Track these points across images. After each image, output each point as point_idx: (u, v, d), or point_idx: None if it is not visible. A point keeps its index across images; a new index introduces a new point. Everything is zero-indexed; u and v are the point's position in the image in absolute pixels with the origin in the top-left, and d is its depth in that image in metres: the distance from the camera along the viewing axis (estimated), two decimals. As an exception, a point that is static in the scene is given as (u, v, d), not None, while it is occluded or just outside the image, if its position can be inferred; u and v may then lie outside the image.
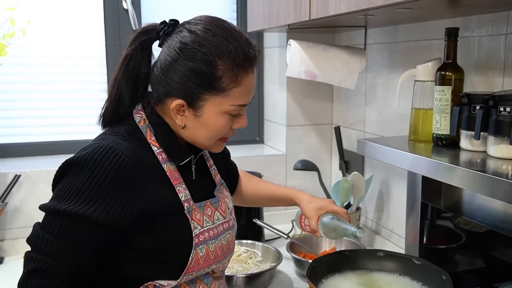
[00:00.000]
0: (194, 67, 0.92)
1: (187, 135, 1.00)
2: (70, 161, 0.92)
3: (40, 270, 0.89)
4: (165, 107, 0.99)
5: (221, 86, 0.94)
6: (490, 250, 1.24)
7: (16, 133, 1.90)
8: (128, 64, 0.99)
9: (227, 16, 2.11)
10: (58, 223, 0.90)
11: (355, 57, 1.59)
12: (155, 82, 0.98)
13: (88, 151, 0.91)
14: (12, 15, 1.73)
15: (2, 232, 1.67)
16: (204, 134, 0.99)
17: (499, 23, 1.18)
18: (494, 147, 1.02)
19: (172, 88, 0.95)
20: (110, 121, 1.02)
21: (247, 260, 1.52)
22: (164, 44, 0.97)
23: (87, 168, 0.90)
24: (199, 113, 0.96)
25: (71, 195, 0.90)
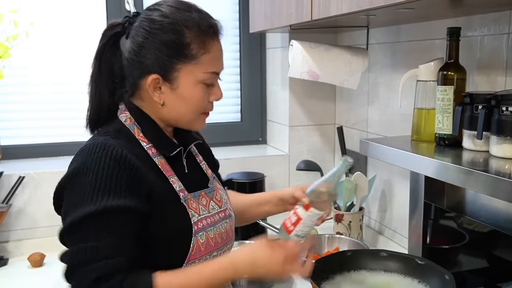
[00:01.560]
0: (163, 38, 0.96)
1: (168, 114, 1.02)
2: (72, 171, 0.93)
3: (102, 275, 0.86)
4: (142, 92, 1.01)
5: (191, 53, 0.97)
6: (493, 250, 1.23)
7: (20, 135, 1.91)
8: (101, 61, 1.02)
9: (229, 17, 2.12)
10: (90, 227, 0.88)
11: (357, 57, 1.59)
12: (128, 68, 1.00)
13: (84, 155, 0.93)
14: (15, 18, 1.74)
15: (6, 233, 1.68)
16: (184, 108, 1.01)
17: (501, 22, 1.18)
18: (497, 146, 1.01)
19: (145, 66, 0.98)
20: (95, 123, 1.05)
21: None
22: (131, 32, 1.00)
23: (90, 169, 0.90)
24: (174, 86, 0.99)
25: (87, 197, 0.89)
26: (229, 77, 2.17)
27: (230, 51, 2.15)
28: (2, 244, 1.67)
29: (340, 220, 1.68)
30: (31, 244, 1.68)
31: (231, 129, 2.18)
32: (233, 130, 2.19)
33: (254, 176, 1.79)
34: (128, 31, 1.01)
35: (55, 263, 1.60)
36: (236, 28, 2.14)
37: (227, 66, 2.28)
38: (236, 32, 2.14)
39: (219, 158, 1.94)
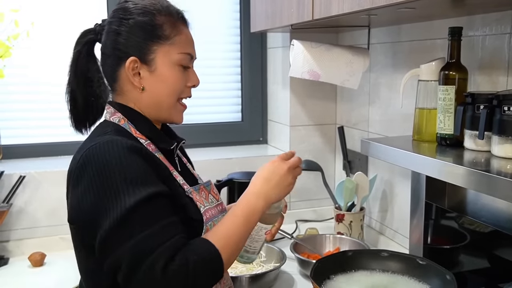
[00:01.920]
0: (137, 21, 0.99)
1: (149, 99, 1.02)
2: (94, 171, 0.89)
3: (169, 256, 0.84)
4: (122, 83, 1.02)
5: (164, 34, 1.00)
6: (494, 250, 1.23)
7: (21, 134, 1.90)
8: (76, 66, 1.05)
9: (230, 16, 2.12)
10: (136, 218, 0.85)
11: (359, 57, 1.59)
12: (105, 61, 1.03)
13: (99, 153, 0.89)
14: (16, 17, 1.74)
15: (7, 233, 1.68)
16: (163, 91, 1.02)
17: (503, 22, 1.17)
18: (498, 146, 1.01)
19: (122, 51, 0.99)
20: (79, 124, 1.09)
21: None
22: (103, 30, 1.03)
23: (113, 164, 0.88)
24: (152, 68, 1.00)
25: (123, 191, 0.86)
26: (230, 77, 2.17)
27: (231, 50, 2.15)
28: (2, 244, 1.67)
29: (341, 220, 1.68)
30: (32, 243, 1.68)
31: (231, 129, 2.18)
32: (234, 130, 2.18)
33: (255, 176, 1.78)
34: (101, 33, 1.03)
35: (56, 262, 1.61)
36: (237, 27, 2.13)
37: (228, 66, 2.30)
38: (237, 32, 2.14)
39: (219, 158, 1.96)
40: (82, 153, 0.92)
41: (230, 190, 1.76)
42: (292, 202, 2.02)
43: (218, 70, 2.15)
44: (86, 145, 0.95)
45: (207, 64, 2.10)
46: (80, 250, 0.98)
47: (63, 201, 1.74)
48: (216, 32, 2.11)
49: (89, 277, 0.99)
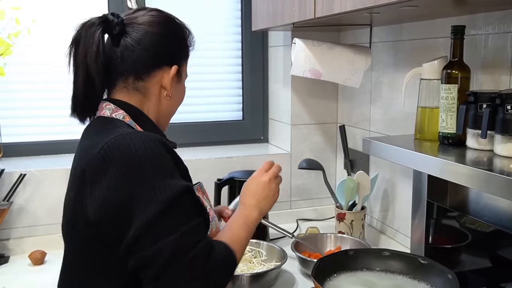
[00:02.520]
0: (181, 35, 1.07)
1: (167, 107, 1.07)
2: (124, 164, 0.86)
3: (206, 256, 0.86)
4: (151, 82, 1.02)
5: (188, 54, 1.10)
6: (496, 249, 1.23)
7: (22, 132, 1.90)
8: (96, 58, 0.98)
9: (231, 15, 2.12)
10: (179, 210, 0.86)
11: (360, 56, 1.58)
12: (143, 58, 1.00)
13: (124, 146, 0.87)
14: (17, 15, 1.74)
15: (7, 231, 1.68)
16: (178, 102, 1.10)
17: (506, 21, 1.17)
18: (501, 145, 1.01)
19: (168, 57, 1.03)
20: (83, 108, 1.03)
21: (252, 259, 1.52)
22: (133, 26, 1.00)
23: (143, 157, 0.86)
24: (179, 80, 1.08)
25: (160, 183, 0.85)
26: (231, 76, 2.17)
27: (232, 49, 2.15)
28: (3, 242, 1.67)
29: (342, 219, 1.67)
30: (32, 242, 1.67)
31: (232, 127, 2.18)
32: (235, 129, 2.18)
33: (256, 175, 1.78)
34: (120, 27, 1.00)
35: (56, 261, 1.60)
36: (238, 26, 2.13)
37: (229, 64, 2.30)
38: (238, 30, 2.13)
39: (220, 156, 1.96)
40: (100, 147, 0.88)
41: (231, 189, 1.76)
42: (293, 201, 2.01)
43: (219, 68, 2.14)
44: (99, 139, 0.91)
45: (208, 63, 2.10)
46: (91, 252, 0.94)
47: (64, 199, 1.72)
48: (217, 30, 2.10)
49: (94, 280, 0.95)
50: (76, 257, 0.98)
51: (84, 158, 0.92)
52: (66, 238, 1.02)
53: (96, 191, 0.87)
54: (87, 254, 0.95)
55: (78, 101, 1.03)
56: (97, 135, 0.95)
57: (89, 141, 0.96)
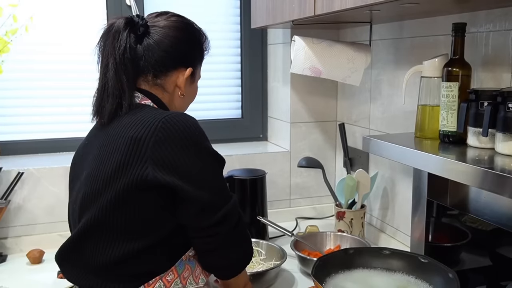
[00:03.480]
0: (198, 39, 1.17)
1: (180, 104, 1.17)
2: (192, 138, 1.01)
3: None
4: (168, 81, 1.12)
5: (203, 57, 1.21)
6: (497, 248, 1.22)
7: (19, 131, 1.89)
8: (130, 52, 1.07)
9: (230, 12, 2.11)
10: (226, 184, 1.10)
11: (360, 53, 1.57)
12: (164, 58, 1.10)
13: (177, 120, 0.99)
14: (15, 12, 1.72)
15: (5, 230, 1.67)
16: (190, 101, 1.21)
17: (507, 18, 1.16)
18: (502, 144, 1.00)
19: (185, 59, 1.13)
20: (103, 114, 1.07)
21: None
22: (155, 27, 1.10)
23: (200, 134, 1.04)
24: (193, 81, 1.18)
25: (214, 160, 1.05)
26: (230, 73, 2.16)
27: (231, 47, 2.14)
28: (0, 241, 1.66)
29: (342, 218, 1.67)
30: (30, 240, 1.67)
31: (231, 125, 2.17)
32: (234, 127, 2.17)
33: (255, 173, 1.77)
34: (144, 29, 1.09)
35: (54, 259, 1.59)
36: (237, 23, 2.12)
37: (228, 62, 2.29)
38: (237, 28, 2.12)
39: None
40: (159, 119, 0.98)
41: (230, 187, 1.75)
42: (292, 199, 2.01)
43: (218, 66, 2.13)
44: (147, 116, 1.00)
45: (207, 60, 2.05)
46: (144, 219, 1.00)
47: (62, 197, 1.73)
48: (216, 28, 2.09)
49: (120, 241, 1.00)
50: (107, 218, 1.00)
51: (138, 127, 0.99)
52: (93, 204, 1.02)
53: (165, 158, 0.97)
54: (127, 215, 0.99)
55: (103, 96, 1.07)
56: (142, 113, 1.03)
57: (136, 116, 1.02)
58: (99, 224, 1.00)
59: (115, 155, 0.99)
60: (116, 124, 1.03)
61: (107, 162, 1.00)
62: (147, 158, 0.96)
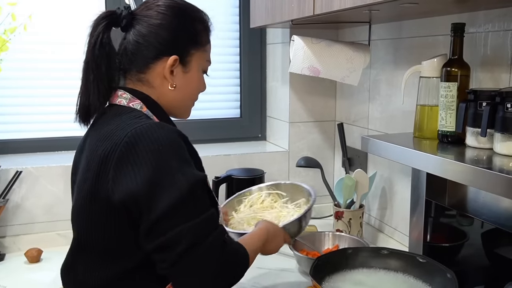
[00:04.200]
0: (182, 23, 1.04)
1: (175, 97, 1.06)
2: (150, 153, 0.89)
3: (223, 242, 0.92)
4: (151, 76, 1.03)
5: (201, 40, 1.07)
6: (495, 248, 1.23)
7: (17, 129, 1.89)
8: (99, 48, 1.00)
9: (229, 12, 2.10)
10: (197, 199, 0.91)
11: (359, 53, 1.57)
12: (141, 50, 1.02)
13: (145, 133, 0.90)
14: (13, 10, 1.72)
15: (3, 228, 1.67)
16: (189, 91, 1.09)
17: (506, 19, 1.16)
18: (501, 144, 1.00)
19: (165, 47, 1.02)
20: (87, 114, 1.02)
21: (273, 204, 1.43)
22: (137, 18, 1.03)
23: (166, 148, 0.90)
24: (187, 69, 1.06)
25: (179, 172, 0.89)
26: (229, 73, 2.16)
27: (230, 46, 2.14)
28: (-1, 239, 1.66)
29: (340, 218, 1.67)
30: (28, 239, 1.66)
31: (230, 125, 2.17)
32: (233, 126, 2.17)
33: (253, 173, 1.78)
34: (128, 20, 1.03)
35: (52, 259, 1.60)
36: (236, 23, 2.12)
37: (227, 62, 2.28)
38: (236, 27, 2.12)
39: (218, 154, 1.95)
40: (125, 134, 0.90)
41: (229, 187, 1.75)
42: (290, 199, 2.01)
43: (217, 65, 2.13)
44: (122, 126, 0.93)
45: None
46: (105, 231, 0.94)
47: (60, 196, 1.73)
48: (215, 27, 2.08)
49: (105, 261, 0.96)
50: (88, 236, 0.98)
51: (107, 142, 0.93)
52: (78, 219, 1.01)
53: (121, 176, 0.90)
54: (102, 234, 0.96)
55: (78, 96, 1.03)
56: (118, 121, 0.96)
57: (111, 126, 0.96)
58: (82, 244, 0.99)
59: (90, 173, 0.95)
60: (99, 131, 0.99)
61: (86, 179, 0.97)
62: (109, 178, 0.91)
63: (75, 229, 1.03)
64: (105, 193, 0.92)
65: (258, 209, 1.41)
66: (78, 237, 1.02)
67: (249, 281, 1.40)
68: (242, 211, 1.42)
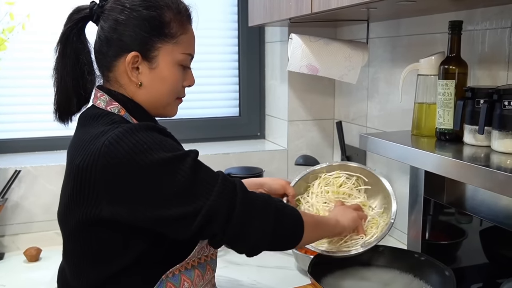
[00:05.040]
0: (144, 15, 0.95)
1: (146, 95, 0.99)
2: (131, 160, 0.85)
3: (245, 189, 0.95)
4: (118, 75, 0.98)
5: (171, 32, 0.97)
6: (493, 245, 1.23)
7: (16, 128, 1.89)
8: (65, 46, 0.98)
9: (228, 10, 2.10)
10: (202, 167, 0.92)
11: (357, 51, 1.57)
12: (102, 48, 0.98)
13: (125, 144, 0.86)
14: (11, 10, 1.72)
15: (2, 228, 1.67)
16: (162, 88, 0.99)
17: (503, 16, 1.16)
18: (498, 141, 1.00)
19: (124, 43, 0.95)
20: (67, 112, 1.02)
21: (353, 192, 1.33)
22: (104, 12, 0.97)
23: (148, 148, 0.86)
24: (154, 65, 0.97)
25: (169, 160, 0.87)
26: (228, 71, 2.16)
27: (229, 45, 2.14)
28: (-2, 239, 1.66)
29: (339, 216, 1.67)
30: (27, 238, 1.67)
31: (229, 123, 2.17)
32: (232, 125, 2.17)
33: (252, 171, 1.78)
34: (98, 14, 0.98)
35: (51, 257, 1.60)
36: (235, 21, 2.12)
37: (226, 60, 2.28)
38: (234, 26, 2.12)
39: (217, 152, 1.95)
40: (101, 142, 0.86)
41: (228, 185, 1.75)
42: (289, 198, 2.01)
43: (216, 64, 2.13)
44: (97, 133, 0.90)
45: (204, 59, 2.08)
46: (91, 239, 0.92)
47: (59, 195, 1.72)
48: (213, 26, 2.09)
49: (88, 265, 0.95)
50: (71, 244, 0.98)
51: (83, 151, 0.90)
52: (61, 225, 1.01)
53: (110, 188, 0.87)
54: (88, 242, 0.94)
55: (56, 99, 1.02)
56: (93, 128, 0.93)
57: (87, 133, 0.93)
58: (67, 252, 0.99)
59: (69, 184, 0.93)
60: (77, 137, 0.98)
61: (65, 188, 0.95)
62: (97, 192, 0.87)
63: (62, 233, 1.01)
64: (91, 212, 0.89)
65: (334, 193, 1.31)
66: (63, 241, 1.01)
67: (248, 279, 1.40)
68: (313, 193, 1.33)
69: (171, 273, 0.95)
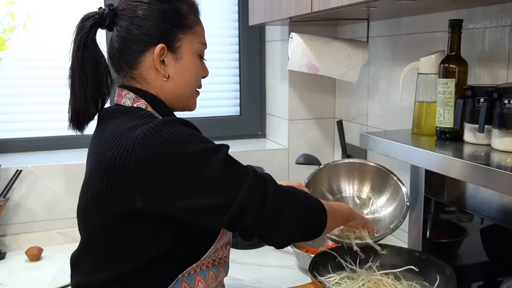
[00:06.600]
0: (164, 7, 0.98)
1: (173, 87, 1.01)
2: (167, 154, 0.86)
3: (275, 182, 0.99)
4: (143, 71, 0.99)
5: (189, 23, 1.02)
6: (494, 244, 1.23)
7: (17, 128, 1.89)
8: (84, 51, 0.98)
9: (228, 9, 2.11)
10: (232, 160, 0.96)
11: (358, 50, 1.57)
12: (124, 47, 0.98)
13: (160, 136, 0.87)
14: (12, 9, 1.72)
15: (3, 227, 1.67)
16: (187, 78, 1.03)
17: (504, 14, 1.16)
18: (499, 140, 1.00)
19: (149, 37, 0.97)
20: (83, 119, 1.02)
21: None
22: (117, 15, 0.99)
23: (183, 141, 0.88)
24: (178, 56, 1.01)
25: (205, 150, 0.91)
26: (228, 70, 2.16)
27: (229, 44, 2.14)
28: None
29: (340, 214, 1.67)
30: (29, 238, 1.67)
31: (230, 122, 2.17)
32: (232, 124, 2.18)
33: (253, 170, 1.77)
34: (111, 18, 0.99)
35: (53, 257, 1.60)
36: (235, 21, 2.12)
37: (226, 59, 2.28)
38: (235, 25, 2.12)
39: (218, 151, 1.95)
40: (136, 135, 0.87)
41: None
42: (290, 196, 2.01)
43: (216, 63, 2.13)
44: (129, 127, 0.90)
45: (205, 58, 2.08)
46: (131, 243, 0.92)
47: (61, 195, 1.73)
48: (214, 25, 2.09)
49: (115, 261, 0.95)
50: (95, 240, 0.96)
51: (114, 145, 0.90)
52: (83, 221, 0.99)
53: (145, 181, 0.87)
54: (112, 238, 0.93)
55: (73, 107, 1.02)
56: (124, 122, 0.93)
57: (116, 127, 0.93)
58: (89, 246, 0.98)
59: (96, 177, 0.92)
60: (105, 132, 0.96)
61: (92, 181, 0.94)
62: (130, 185, 0.87)
63: (81, 230, 1.00)
64: (124, 205, 0.88)
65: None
66: (83, 242, 1.00)
67: (249, 278, 1.41)
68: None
69: (187, 272, 0.95)
